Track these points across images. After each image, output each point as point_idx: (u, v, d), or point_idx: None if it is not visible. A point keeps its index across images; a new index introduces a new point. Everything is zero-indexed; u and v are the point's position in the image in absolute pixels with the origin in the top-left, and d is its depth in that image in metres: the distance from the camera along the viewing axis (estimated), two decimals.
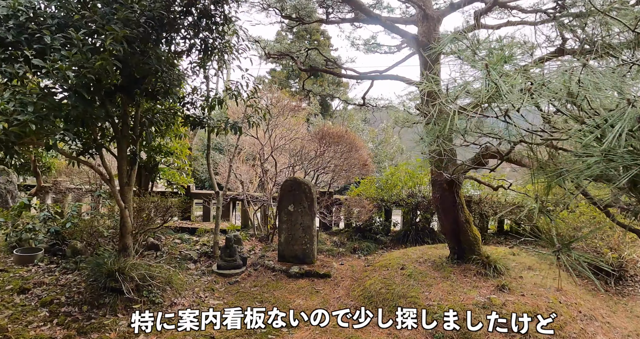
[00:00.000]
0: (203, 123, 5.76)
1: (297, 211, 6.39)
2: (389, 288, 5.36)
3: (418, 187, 8.77)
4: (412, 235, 8.50)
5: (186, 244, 7.71)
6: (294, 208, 6.40)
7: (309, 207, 6.36)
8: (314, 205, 6.41)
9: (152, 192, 8.84)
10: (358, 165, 8.12)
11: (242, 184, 8.41)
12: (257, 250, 7.52)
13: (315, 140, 8.16)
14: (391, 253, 7.30)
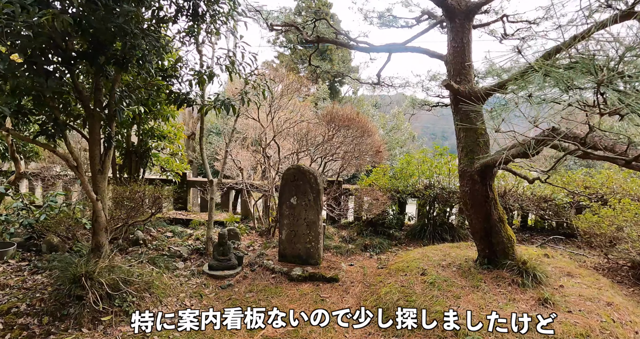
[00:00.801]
0: (189, 101, 4.75)
1: (301, 205, 5.43)
2: (408, 299, 4.40)
3: (436, 177, 7.73)
4: (429, 230, 7.52)
5: (178, 238, 6.84)
6: (298, 201, 5.43)
7: (314, 201, 5.39)
8: (321, 198, 5.44)
9: (143, 180, 7.96)
10: (370, 152, 7.09)
11: (242, 172, 7.46)
12: (256, 246, 6.61)
13: (323, 123, 7.13)
14: (407, 252, 6.32)
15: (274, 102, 7.36)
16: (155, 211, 6.28)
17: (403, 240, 7.43)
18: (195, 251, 6.11)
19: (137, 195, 6.02)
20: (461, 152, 5.14)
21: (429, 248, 6.36)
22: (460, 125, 5.15)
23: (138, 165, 7.83)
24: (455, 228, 7.66)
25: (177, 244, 6.32)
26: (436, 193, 7.47)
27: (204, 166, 6.31)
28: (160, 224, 7.39)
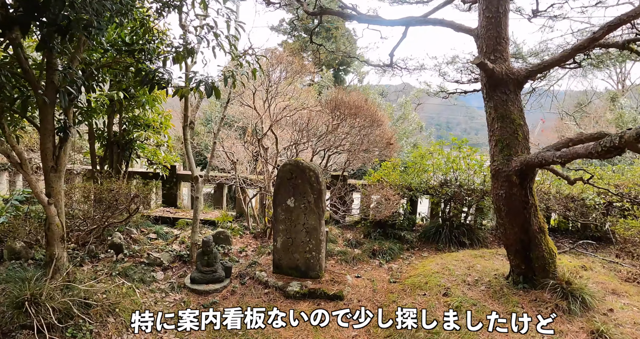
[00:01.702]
0: (160, 81, 3.78)
1: (300, 208, 4.50)
2: (430, 333, 3.49)
3: (453, 173, 6.76)
4: (445, 233, 6.58)
5: (162, 241, 5.96)
6: (296, 203, 4.50)
7: (315, 203, 4.45)
8: (323, 199, 4.50)
9: (126, 174, 7.06)
10: (380, 144, 6.11)
11: (235, 165, 6.53)
12: (249, 251, 5.72)
13: (327, 111, 6.15)
14: (423, 262, 5.40)
15: (272, 87, 6.37)
16: (133, 211, 5.38)
17: (415, 244, 6.51)
18: (179, 258, 5.23)
19: (111, 194, 5.13)
20: (495, 147, 4.15)
21: (448, 257, 5.43)
22: (494, 114, 4.15)
23: (120, 157, 6.93)
24: (473, 230, 6.72)
25: (158, 249, 5.44)
26: (454, 191, 6.51)
27: (188, 159, 5.38)
28: (144, 223, 6.51)
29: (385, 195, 5.90)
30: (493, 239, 7.01)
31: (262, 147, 6.51)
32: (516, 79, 4.15)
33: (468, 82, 7.19)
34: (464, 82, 7.10)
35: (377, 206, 6.18)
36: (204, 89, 3.80)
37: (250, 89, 6.68)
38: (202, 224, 6.70)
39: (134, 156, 7.27)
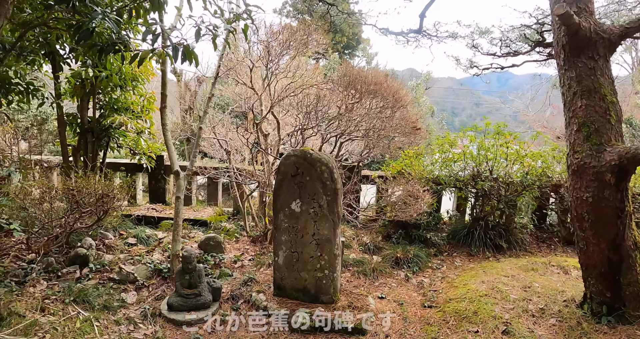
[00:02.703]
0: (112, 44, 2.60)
1: (308, 213, 3.37)
2: None
3: (488, 163, 5.59)
4: (479, 234, 5.47)
5: (143, 246, 4.89)
6: (302, 207, 3.37)
7: (329, 207, 3.32)
8: (339, 201, 3.36)
9: (103, 166, 5.96)
10: (405, 129, 4.93)
11: (230, 155, 5.39)
12: (246, 260, 4.63)
13: (339, 89, 4.96)
14: (461, 275, 4.30)
15: (273, 61, 5.15)
16: (102, 214, 4.28)
17: (443, 247, 5.40)
18: (157, 273, 4.15)
19: (71, 193, 4.02)
20: (576, 132, 2.97)
21: (491, 269, 4.32)
22: (576, 87, 2.95)
23: (95, 147, 5.81)
24: (510, 231, 5.59)
25: (134, 260, 4.36)
26: (491, 186, 5.36)
27: (168, 149, 4.24)
28: (124, 225, 5.43)
29: (411, 192, 4.75)
30: (531, 240, 5.89)
31: (262, 133, 5.35)
32: (608, 39, 2.94)
33: (505, 55, 5.95)
34: (499, 56, 5.86)
35: (401, 203, 5.04)
36: (172, 51, 2.62)
37: (246, 64, 5.48)
38: (192, 226, 5.62)
39: (113, 144, 6.16)
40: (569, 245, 5.84)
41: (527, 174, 5.45)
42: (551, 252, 5.65)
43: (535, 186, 5.51)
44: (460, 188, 5.73)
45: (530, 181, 5.44)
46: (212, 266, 4.40)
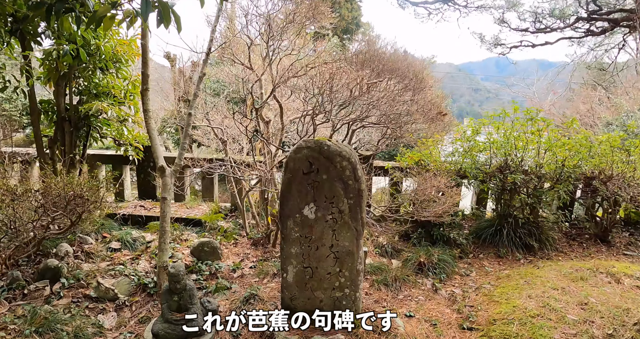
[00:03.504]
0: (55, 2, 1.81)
1: (325, 220, 2.65)
2: None
3: (517, 154, 4.87)
4: (508, 233, 4.79)
5: (128, 252, 4.18)
6: (318, 213, 2.64)
7: (351, 212, 2.60)
8: (363, 205, 2.63)
9: (83, 159, 5.20)
10: (429, 114, 4.18)
11: (226, 146, 4.63)
12: (246, 268, 3.93)
13: (352, 69, 4.17)
14: (500, 287, 3.62)
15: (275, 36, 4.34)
16: (76, 218, 3.54)
17: (467, 247, 4.73)
18: (142, 288, 3.44)
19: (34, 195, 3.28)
20: None
21: (531, 277, 3.65)
22: None
23: (73, 138, 5.04)
24: (541, 228, 4.92)
25: (116, 271, 3.65)
26: (521, 179, 4.65)
27: (151, 140, 3.49)
28: (107, 226, 4.71)
29: (437, 186, 4.04)
30: (561, 237, 5.23)
31: (262, 120, 4.59)
32: None
33: (538, 31, 5.16)
34: (534, 32, 5.07)
35: (421, 198, 4.33)
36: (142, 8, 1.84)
37: (244, 41, 4.68)
38: (185, 226, 4.89)
39: (95, 134, 5.38)
40: (602, 243, 5.20)
41: (563, 166, 4.74)
42: (584, 251, 5.00)
43: (571, 179, 4.82)
44: (482, 180, 5.03)
45: (566, 173, 4.74)
46: (207, 276, 3.70)
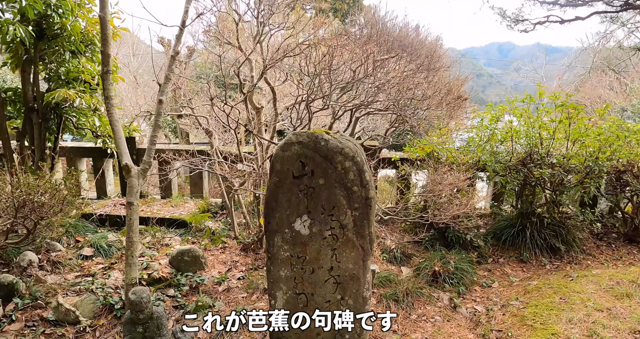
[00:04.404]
0: None
1: (322, 236, 2.02)
2: None
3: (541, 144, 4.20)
4: (531, 234, 4.17)
5: (101, 260, 3.59)
6: (313, 227, 2.01)
7: (355, 226, 1.97)
8: (371, 218, 2.00)
9: (55, 154, 4.59)
10: (446, 99, 3.49)
11: (211, 137, 3.99)
12: (234, 279, 3.34)
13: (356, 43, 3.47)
14: (532, 305, 3.00)
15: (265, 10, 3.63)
16: (33, 227, 2.93)
17: (485, 250, 4.12)
18: (109, 309, 2.85)
19: None
20: None
21: (566, 290, 3.04)
22: None
23: (42, 130, 4.41)
24: (567, 228, 4.29)
25: (83, 285, 3.07)
26: (550, 173, 3.99)
27: (114, 132, 2.84)
28: (82, 228, 4.12)
29: (455, 184, 3.39)
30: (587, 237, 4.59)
31: (253, 106, 3.92)
32: None
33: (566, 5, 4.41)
34: (563, 5, 4.32)
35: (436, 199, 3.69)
36: None
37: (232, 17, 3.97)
38: (168, 228, 4.29)
39: (69, 125, 4.75)
40: (632, 244, 4.58)
41: (597, 159, 4.07)
42: (614, 253, 4.39)
43: (603, 172, 4.17)
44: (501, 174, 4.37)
45: (599, 166, 4.07)
46: (188, 291, 3.11)
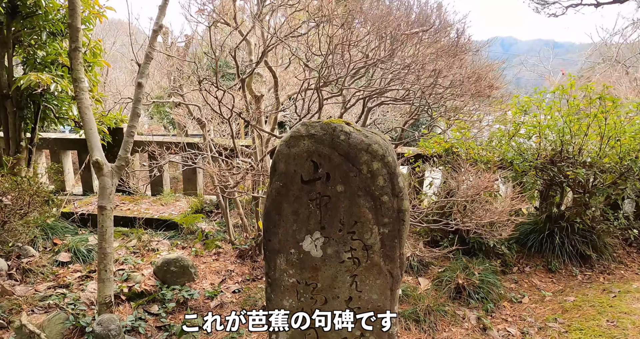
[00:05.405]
0: None
1: (340, 259, 1.51)
2: None
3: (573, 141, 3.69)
4: (560, 240, 3.69)
5: (79, 267, 3.10)
6: (328, 247, 1.51)
7: (384, 247, 1.47)
8: (403, 236, 1.51)
9: (32, 146, 4.09)
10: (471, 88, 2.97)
11: (204, 128, 3.47)
12: (228, 293, 2.85)
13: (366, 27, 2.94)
14: (575, 329, 2.53)
15: None
16: None
17: (510, 259, 3.64)
18: (80, 332, 2.37)
19: None
20: None
21: (610, 309, 2.57)
22: None
23: (17, 119, 3.90)
24: (596, 233, 3.81)
25: (54, 298, 2.58)
26: (586, 173, 3.49)
27: (83, 121, 2.33)
28: (60, 230, 3.62)
29: (481, 185, 2.89)
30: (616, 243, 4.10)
31: (252, 95, 3.40)
32: None
33: None
34: None
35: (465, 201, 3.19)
36: None
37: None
38: (155, 230, 3.78)
39: (50, 115, 4.23)
40: None
41: (637, 158, 3.56)
42: None
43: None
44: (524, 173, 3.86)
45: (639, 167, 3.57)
46: (174, 308, 2.62)
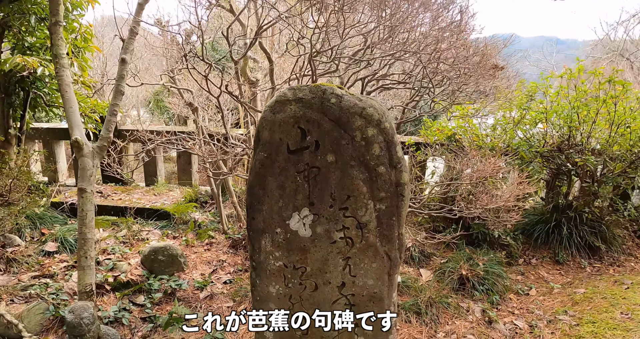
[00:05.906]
0: None
1: (331, 239, 1.34)
2: None
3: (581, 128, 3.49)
4: (567, 231, 3.50)
5: (65, 257, 2.95)
6: (318, 225, 1.34)
7: (380, 225, 1.30)
8: (402, 213, 1.34)
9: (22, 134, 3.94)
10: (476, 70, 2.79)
11: (196, 112, 3.31)
12: (219, 284, 2.69)
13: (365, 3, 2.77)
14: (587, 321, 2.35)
15: None
16: None
17: (516, 250, 3.46)
18: (59, 322, 2.21)
19: None
20: None
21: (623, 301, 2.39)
22: None
23: (5, 106, 3.75)
24: (605, 223, 3.62)
25: (37, 288, 2.44)
26: (595, 161, 3.31)
27: (64, 101, 2.17)
28: (49, 219, 3.47)
29: (486, 171, 2.71)
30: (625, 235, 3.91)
31: (246, 78, 3.23)
32: None
33: None
34: None
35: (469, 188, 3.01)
36: None
37: None
38: (146, 220, 3.63)
39: (40, 102, 4.08)
40: None
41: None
42: None
43: None
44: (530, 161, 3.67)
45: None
46: (161, 298, 2.46)
